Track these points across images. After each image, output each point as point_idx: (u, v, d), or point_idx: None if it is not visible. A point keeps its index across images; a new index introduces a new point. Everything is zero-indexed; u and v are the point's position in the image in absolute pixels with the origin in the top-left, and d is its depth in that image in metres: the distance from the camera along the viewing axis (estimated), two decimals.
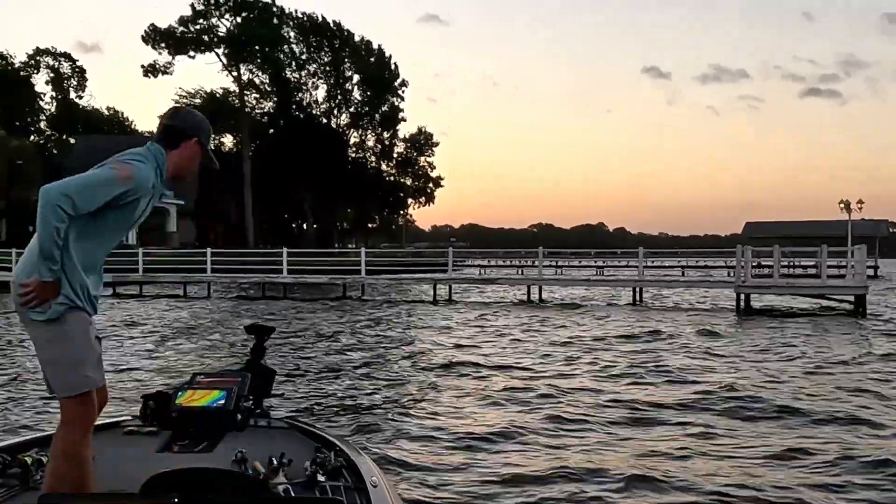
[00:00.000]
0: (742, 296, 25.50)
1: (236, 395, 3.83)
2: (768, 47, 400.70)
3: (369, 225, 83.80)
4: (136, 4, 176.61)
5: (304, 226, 76.13)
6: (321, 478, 3.42)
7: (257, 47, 64.95)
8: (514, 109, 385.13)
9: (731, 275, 51.45)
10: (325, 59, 71.52)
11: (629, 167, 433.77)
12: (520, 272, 50.97)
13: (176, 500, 2.49)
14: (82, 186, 2.94)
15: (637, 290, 29.48)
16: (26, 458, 3.39)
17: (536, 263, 31.98)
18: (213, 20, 64.15)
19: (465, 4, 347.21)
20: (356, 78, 73.00)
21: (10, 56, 70.55)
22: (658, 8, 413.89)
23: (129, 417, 4.40)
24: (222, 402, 3.77)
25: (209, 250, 35.71)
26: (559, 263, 55.45)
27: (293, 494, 3.23)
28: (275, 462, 3.49)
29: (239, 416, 3.80)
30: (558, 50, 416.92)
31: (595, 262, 63.37)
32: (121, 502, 2.92)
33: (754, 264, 51.70)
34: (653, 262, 55.37)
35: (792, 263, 45.77)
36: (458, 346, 15.47)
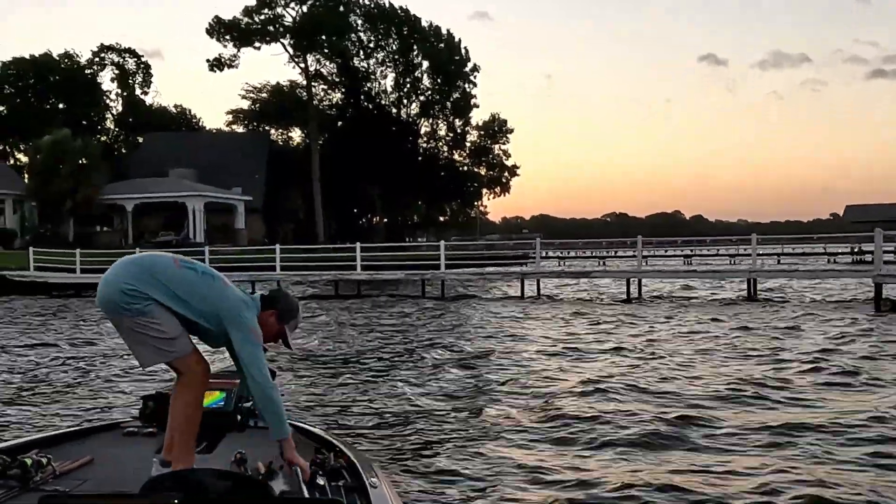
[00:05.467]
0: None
1: (236, 397, 3.91)
2: (826, 31, 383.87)
3: (441, 218, 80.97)
4: (195, 8, 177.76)
5: (374, 220, 74.08)
6: (321, 479, 3.35)
7: (324, 36, 62.82)
8: (570, 103, 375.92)
9: (833, 262, 48.39)
10: (394, 47, 69.11)
11: (699, 154, 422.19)
12: (601, 263, 48.28)
13: (176, 501, 2.51)
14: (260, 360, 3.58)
15: (751, 281, 26.25)
16: (26, 460, 3.37)
17: (626, 254, 29.02)
18: (279, 9, 62.27)
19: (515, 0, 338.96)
20: (425, 65, 70.35)
21: (76, 55, 69.99)
22: None
23: (129, 418, 4.54)
24: (222, 403, 3.84)
25: (278, 247, 33.81)
26: (644, 254, 52.49)
27: (293, 495, 3.19)
28: (274, 463, 3.46)
29: (239, 417, 3.89)
30: (610, 42, 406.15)
31: (682, 251, 60.35)
32: (121, 502, 2.90)
33: (856, 249, 48.78)
34: (745, 249, 52.43)
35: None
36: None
